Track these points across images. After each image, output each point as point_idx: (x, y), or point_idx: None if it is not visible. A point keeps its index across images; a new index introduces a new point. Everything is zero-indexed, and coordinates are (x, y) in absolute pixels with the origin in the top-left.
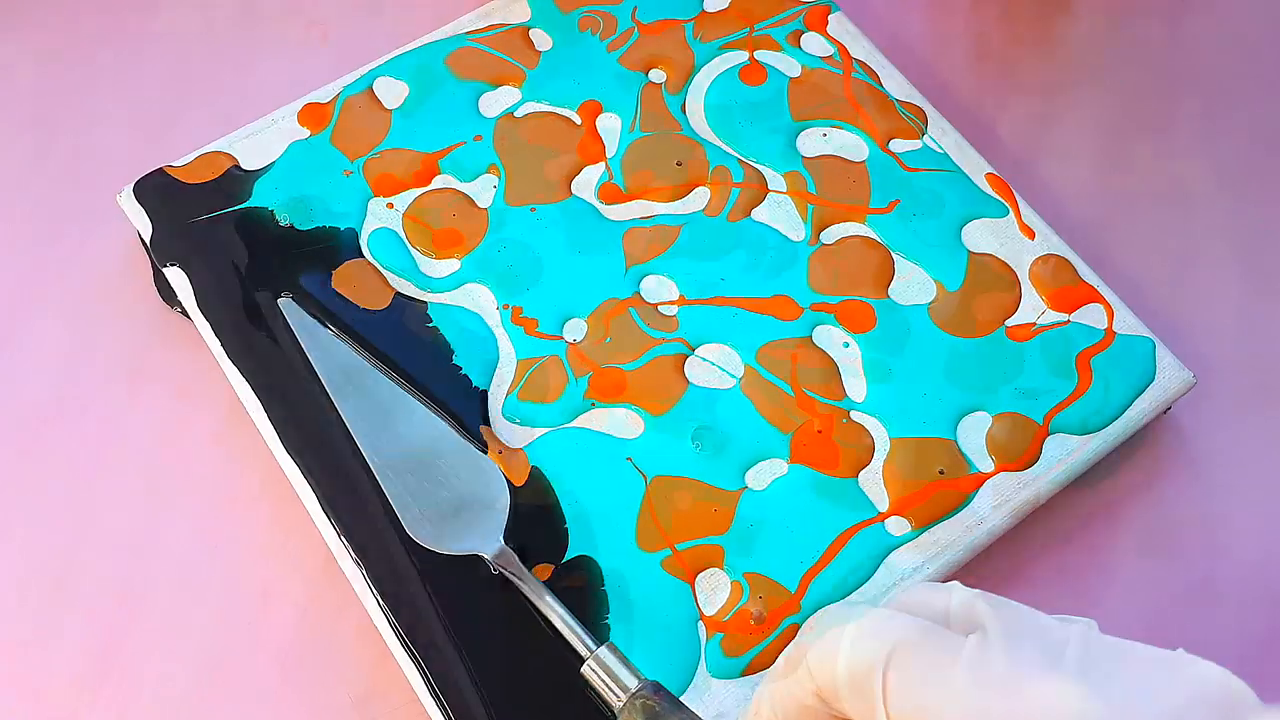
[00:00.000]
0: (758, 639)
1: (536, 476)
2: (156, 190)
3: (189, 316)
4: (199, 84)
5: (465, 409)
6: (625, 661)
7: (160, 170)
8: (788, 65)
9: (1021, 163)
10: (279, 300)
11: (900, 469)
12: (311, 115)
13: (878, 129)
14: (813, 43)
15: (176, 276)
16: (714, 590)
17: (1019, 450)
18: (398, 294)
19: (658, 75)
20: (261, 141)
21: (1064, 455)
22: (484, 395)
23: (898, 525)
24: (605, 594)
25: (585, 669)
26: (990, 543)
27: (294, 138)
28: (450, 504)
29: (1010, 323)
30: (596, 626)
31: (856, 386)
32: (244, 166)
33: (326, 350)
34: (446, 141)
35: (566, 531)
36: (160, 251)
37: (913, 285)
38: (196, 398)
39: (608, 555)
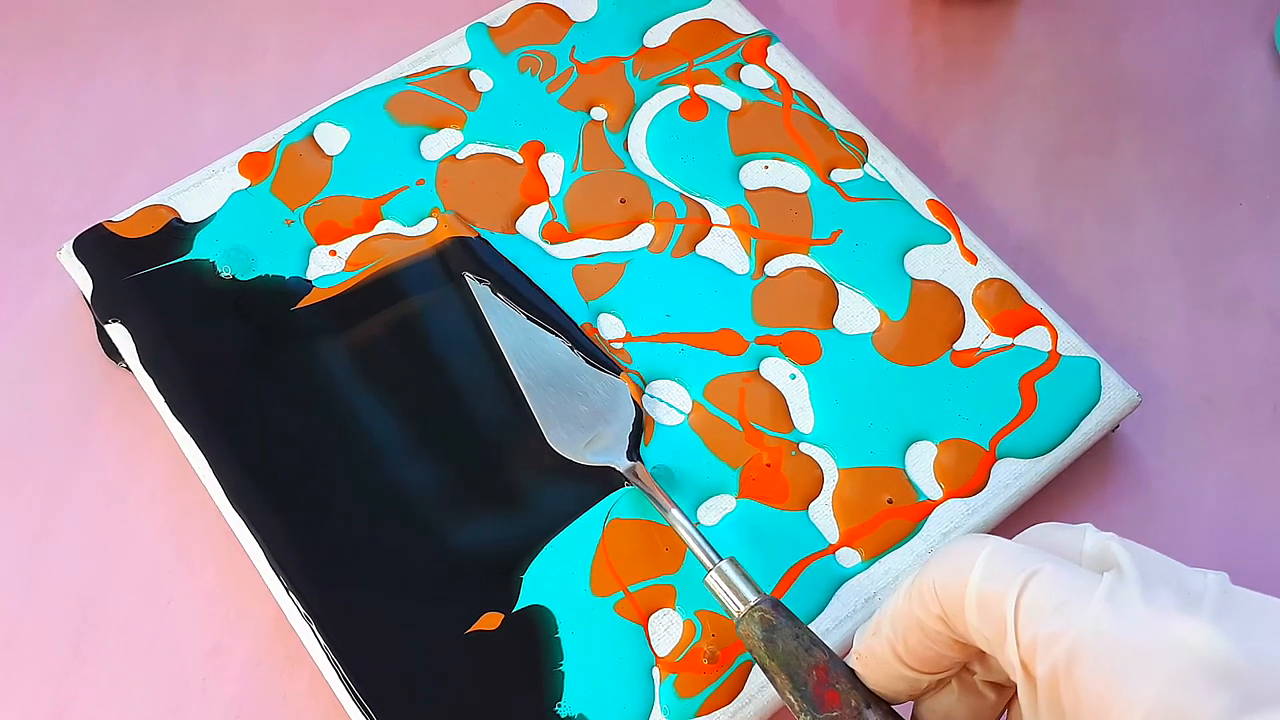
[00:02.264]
0: (712, 678)
1: None
2: (96, 246)
3: (134, 372)
4: (141, 135)
5: None
6: (746, 577)
7: (100, 226)
8: (728, 99)
9: (965, 185)
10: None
11: (849, 500)
12: (252, 165)
13: (818, 160)
14: (752, 75)
15: (118, 333)
16: (666, 631)
17: (966, 476)
18: None
19: (599, 113)
20: (202, 193)
21: (1012, 480)
22: None
23: (849, 556)
24: (559, 641)
25: (708, 580)
26: None
27: (235, 188)
28: (588, 419)
29: (954, 349)
30: (549, 675)
31: (804, 418)
32: (185, 219)
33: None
34: (389, 187)
35: (520, 581)
36: (101, 308)
37: (857, 315)
38: (144, 453)
39: (561, 603)
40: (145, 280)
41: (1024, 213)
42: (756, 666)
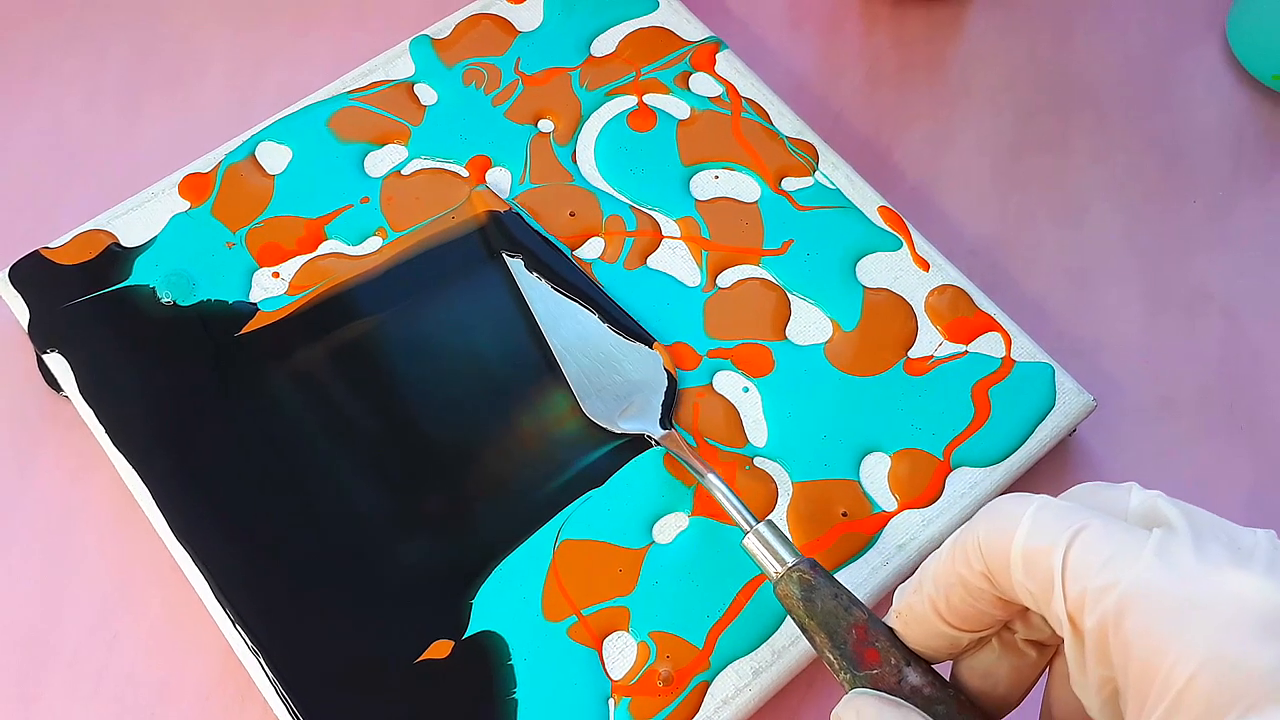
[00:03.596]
0: (666, 700)
1: None
2: (33, 274)
3: (73, 402)
4: (80, 158)
5: None
6: (784, 538)
7: (36, 253)
8: (677, 108)
9: (919, 188)
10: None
11: (804, 514)
12: (193, 186)
13: (769, 168)
14: (701, 83)
15: (57, 362)
16: (621, 654)
17: (921, 486)
18: None
19: (546, 125)
20: (141, 216)
21: (967, 489)
22: None
23: None
24: (512, 668)
25: (746, 542)
26: (899, 582)
27: (175, 210)
28: (622, 389)
29: (908, 358)
30: (502, 703)
31: (758, 432)
32: (124, 244)
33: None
34: (332, 205)
35: (469, 606)
36: (39, 337)
37: (809, 326)
38: (88, 484)
39: (513, 629)
40: (82, 308)
41: (978, 215)
42: (794, 626)
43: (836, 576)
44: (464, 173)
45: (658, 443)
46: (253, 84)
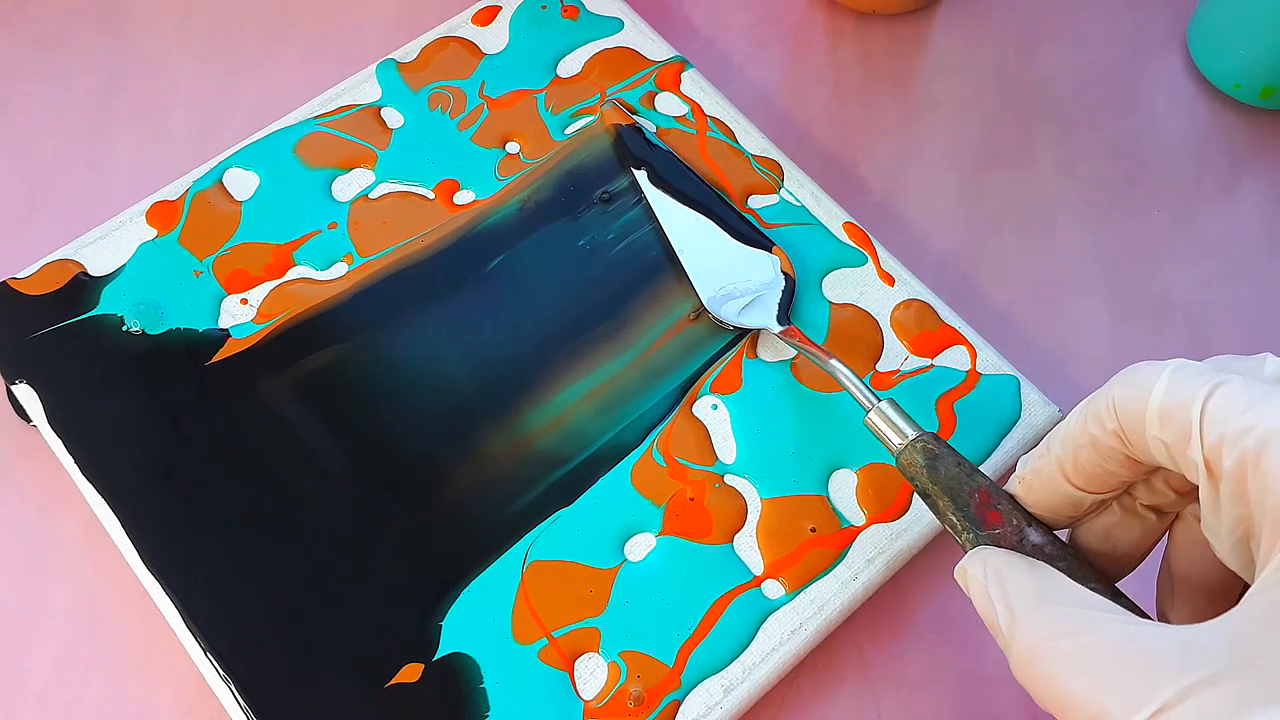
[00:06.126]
0: None
1: None
2: (0, 305)
3: (42, 433)
4: (48, 187)
5: None
6: (905, 415)
7: (4, 283)
8: (642, 128)
9: (885, 202)
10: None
11: (773, 530)
12: (161, 214)
13: (735, 187)
14: (666, 103)
15: (25, 393)
16: (592, 674)
17: (888, 500)
18: None
19: (513, 147)
20: (109, 245)
21: None
22: None
23: (774, 588)
24: (484, 691)
25: (869, 418)
26: (868, 596)
27: (143, 238)
28: (740, 289)
29: (875, 370)
30: None
31: (726, 449)
32: (91, 273)
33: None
34: (300, 231)
35: (439, 628)
36: (7, 368)
37: (777, 342)
38: (59, 514)
39: (483, 651)
40: (51, 338)
41: (945, 228)
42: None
43: (807, 592)
44: (430, 195)
45: (778, 336)
46: (220, 110)
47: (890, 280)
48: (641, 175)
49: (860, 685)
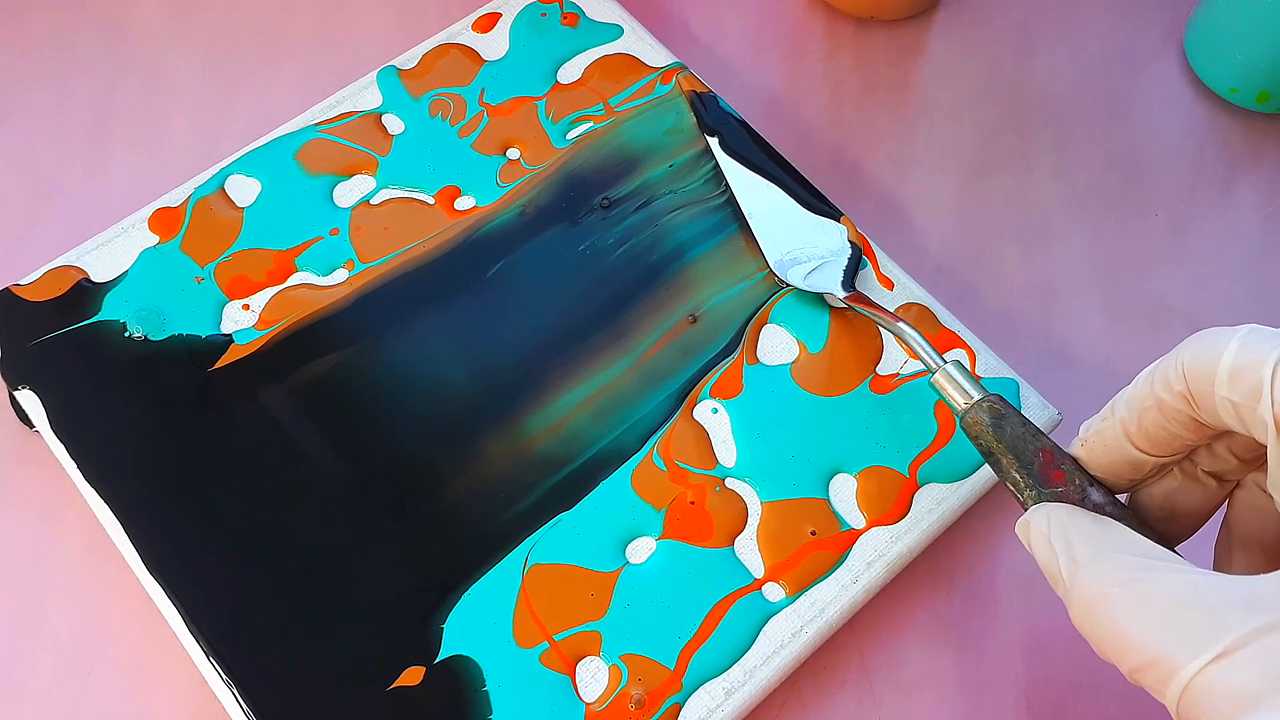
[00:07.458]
0: None
1: None
2: (3, 311)
3: (45, 438)
4: (50, 194)
5: None
6: (971, 376)
7: (7, 290)
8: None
9: (884, 207)
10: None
11: (774, 533)
12: (162, 220)
13: None
14: None
15: (28, 399)
16: (593, 677)
17: (888, 504)
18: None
19: (514, 153)
20: (111, 252)
21: (934, 505)
22: None
23: (774, 591)
24: (486, 694)
25: (936, 378)
26: (868, 599)
27: (145, 245)
28: (806, 254)
29: (875, 374)
30: None
31: (727, 453)
32: (94, 279)
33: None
34: (302, 238)
35: (440, 631)
36: (10, 374)
37: (777, 347)
38: (61, 520)
39: (485, 654)
40: (54, 344)
41: (943, 232)
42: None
43: (807, 595)
44: (431, 201)
45: (843, 300)
46: (221, 117)
47: (889, 284)
48: (714, 142)
49: (861, 688)
